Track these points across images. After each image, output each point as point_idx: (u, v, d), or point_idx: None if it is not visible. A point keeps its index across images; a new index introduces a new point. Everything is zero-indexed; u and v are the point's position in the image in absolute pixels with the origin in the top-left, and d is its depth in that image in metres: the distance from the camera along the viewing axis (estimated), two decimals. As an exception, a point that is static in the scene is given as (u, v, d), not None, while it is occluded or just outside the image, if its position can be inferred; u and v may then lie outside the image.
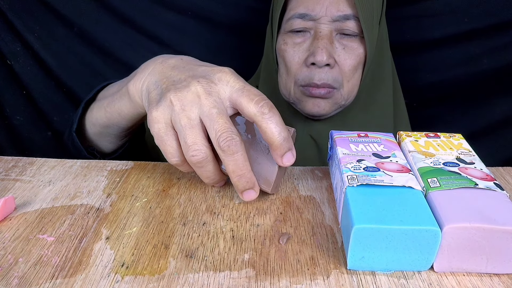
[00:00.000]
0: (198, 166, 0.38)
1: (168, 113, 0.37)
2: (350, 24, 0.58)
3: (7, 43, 0.85)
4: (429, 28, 0.78)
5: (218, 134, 0.36)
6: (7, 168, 0.46)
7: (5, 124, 0.91)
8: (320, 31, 0.58)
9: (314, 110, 0.60)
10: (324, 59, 0.56)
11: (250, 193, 0.38)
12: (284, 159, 0.37)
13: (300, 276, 0.32)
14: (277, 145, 0.37)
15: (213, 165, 0.38)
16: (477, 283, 0.31)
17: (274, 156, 0.37)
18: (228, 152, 0.36)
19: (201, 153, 0.37)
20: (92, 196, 0.41)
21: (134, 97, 0.44)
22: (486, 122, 0.82)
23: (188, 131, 0.36)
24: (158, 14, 0.83)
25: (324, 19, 0.57)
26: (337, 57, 0.58)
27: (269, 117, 0.36)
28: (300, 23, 0.59)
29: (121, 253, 0.34)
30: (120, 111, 0.48)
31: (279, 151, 0.37)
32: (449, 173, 0.35)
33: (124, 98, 0.47)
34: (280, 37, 0.62)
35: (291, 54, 0.60)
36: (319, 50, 0.56)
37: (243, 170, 0.37)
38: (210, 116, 0.36)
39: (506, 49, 0.77)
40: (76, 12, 0.83)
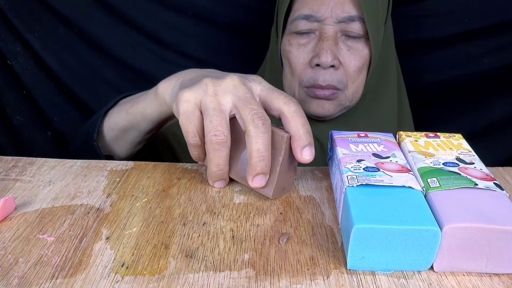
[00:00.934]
0: (215, 149, 0.38)
1: (200, 94, 0.39)
2: (355, 26, 0.57)
3: (7, 43, 0.85)
4: (429, 28, 0.78)
5: (253, 112, 0.37)
6: (7, 168, 0.46)
7: (5, 124, 0.91)
8: (325, 32, 0.57)
9: (319, 111, 0.60)
10: (329, 61, 0.56)
11: (261, 178, 0.38)
12: (304, 152, 0.37)
13: (300, 276, 0.32)
14: (300, 135, 0.37)
15: (227, 152, 0.39)
16: (477, 283, 0.31)
17: (295, 147, 0.38)
18: (260, 129, 0.36)
19: (223, 134, 0.37)
20: (92, 196, 0.41)
21: (163, 95, 0.45)
22: (486, 122, 0.82)
23: (217, 112, 0.37)
24: (158, 14, 0.83)
25: (329, 20, 0.57)
26: (342, 58, 0.58)
27: (294, 110, 0.38)
28: (305, 24, 0.59)
29: (121, 253, 0.34)
30: (143, 111, 0.49)
31: (301, 141, 0.37)
32: (449, 173, 0.36)
33: (150, 97, 0.48)
34: (285, 38, 0.62)
35: (295, 55, 0.60)
36: (323, 52, 0.56)
37: (266, 149, 0.37)
38: (245, 99, 0.38)
39: (506, 49, 0.77)
40: (76, 12, 0.83)
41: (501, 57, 0.77)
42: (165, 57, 0.87)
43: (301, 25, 0.59)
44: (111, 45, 0.85)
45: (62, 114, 0.90)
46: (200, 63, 0.88)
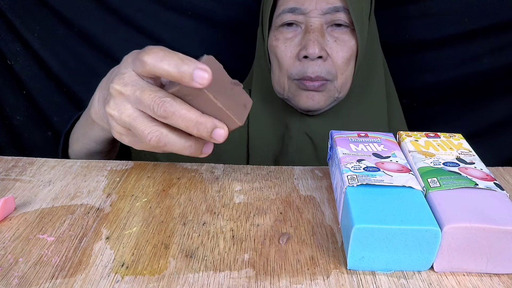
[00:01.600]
0: (162, 146, 0.36)
1: (115, 125, 0.37)
2: (340, 16, 0.58)
3: (7, 43, 0.85)
4: (429, 28, 0.78)
5: (151, 107, 0.34)
6: (7, 168, 0.46)
7: (5, 124, 0.91)
8: (311, 24, 0.58)
9: (309, 104, 0.60)
10: (316, 52, 0.56)
11: (217, 132, 0.35)
12: (196, 79, 0.32)
13: (300, 276, 0.32)
14: (178, 76, 0.33)
15: (175, 135, 0.36)
16: (477, 283, 0.31)
17: (188, 85, 0.33)
18: (169, 114, 0.34)
19: (153, 134, 0.35)
20: (92, 196, 0.41)
21: (103, 125, 0.44)
22: (486, 122, 0.82)
23: (134, 124, 0.35)
24: (158, 14, 0.83)
25: (314, 13, 0.58)
26: (329, 49, 0.58)
27: (151, 61, 0.33)
28: (290, 17, 0.59)
29: (121, 253, 0.34)
30: (96, 139, 0.49)
31: (185, 78, 0.32)
32: (449, 173, 0.35)
33: (94, 127, 0.47)
34: (271, 34, 0.62)
35: (282, 50, 0.60)
36: (310, 43, 0.56)
37: (194, 118, 0.34)
38: (137, 100, 0.35)
39: (506, 49, 0.77)
40: (76, 12, 0.83)
41: (501, 57, 0.77)
42: None
43: (286, 18, 0.59)
44: (111, 45, 0.85)
45: (62, 114, 0.90)
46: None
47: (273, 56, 0.62)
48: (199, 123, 0.34)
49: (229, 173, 0.45)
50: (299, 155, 0.65)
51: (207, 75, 0.32)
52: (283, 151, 0.66)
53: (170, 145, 0.36)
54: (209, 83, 0.32)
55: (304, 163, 0.62)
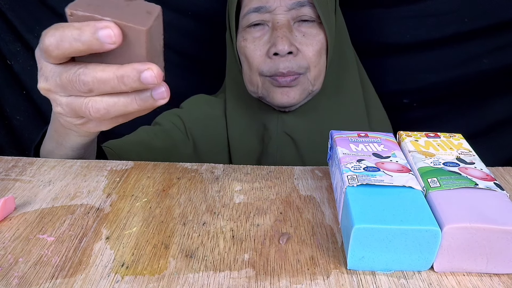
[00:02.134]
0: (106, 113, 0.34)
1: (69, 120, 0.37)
2: (306, 10, 0.58)
3: (7, 43, 0.85)
4: (429, 28, 0.78)
5: (73, 88, 0.32)
6: (7, 168, 0.46)
7: (5, 124, 0.91)
8: (277, 21, 0.58)
9: (284, 100, 0.60)
10: (286, 48, 0.56)
11: (145, 74, 0.31)
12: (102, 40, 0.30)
13: (300, 276, 0.32)
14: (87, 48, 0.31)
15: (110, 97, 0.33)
16: (477, 283, 0.31)
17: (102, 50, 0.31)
18: (89, 85, 0.32)
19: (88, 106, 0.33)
20: (92, 196, 0.41)
21: (71, 129, 0.42)
22: (486, 122, 0.82)
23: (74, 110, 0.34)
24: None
25: (280, 9, 0.58)
26: (299, 45, 0.58)
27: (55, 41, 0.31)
28: (256, 17, 0.59)
29: (121, 253, 0.34)
30: (73, 146, 0.46)
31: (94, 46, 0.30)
32: (449, 173, 0.35)
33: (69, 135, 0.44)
34: (239, 35, 0.62)
35: (251, 49, 0.60)
36: (279, 40, 0.56)
37: (112, 74, 0.31)
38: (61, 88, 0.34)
39: (506, 49, 0.77)
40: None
41: (501, 57, 0.77)
42: (164, 57, 0.86)
43: (252, 18, 0.59)
44: None
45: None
46: (200, 62, 0.88)
47: (243, 57, 0.62)
48: (120, 76, 0.31)
49: (229, 173, 0.45)
50: (280, 154, 0.65)
51: (111, 32, 0.30)
52: (264, 152, 0.66)
53: (113, 108, 0.33)
54: (117, 37, 0.30)
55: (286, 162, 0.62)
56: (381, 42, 0.79)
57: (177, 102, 0.89)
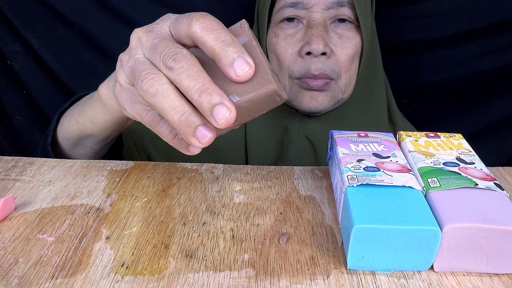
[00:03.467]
0: (153, 93, 0.30)
1: (121, 72, 0.34)
2: (344, 10, 0.55)
3: (7, 43, 0.85)
4: (429, 28, 0.78)
5: (161, 56, 0.30)
6: (7, 168, 0.46)
7: (5, 124, 0.91)
8: (313, 19, 0.55)
9: (312, 105, 0.57)
10: (321, 47, 0.54)
11: (220, 110, 0.28)
12: (236, 69, 0.29)
13: (300, 276, 0.32)
14: (218, 53, 0.29)
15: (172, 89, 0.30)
16: (477, 283, 0.31)
17: (223, 70, 0.29)
18: (177, 65, 0.29)
19: (148, 75, 0.30)
20: (92, 196, 0.41)
21: (107, 100, 0.40)
22: (486, 122, 0.82)
23: (136, 66, 0.32)
24: (158, 14, 0.82)
25: (317, 7, 0.55)
26: (333, 46, 0.56)
27: (201, 27, 0.30)
28: (292, 12, 0.56)
29: (121, 253, 0.34)
30: (93, 119, 0.44)
31: (224, 59, 0.29)
32: (449, 173, 0.35)
33: (96, 105, 0.43)
34: (270, 31, 0.59)
35: (283, 46, 0.57)
36: (314, 38, 0.54)
37: (201, 81, 0.29)
38: (152, 47, 0.31)
39: (506, 49, 0.77)
40: (76, 12, 0.83)
41: (501, 57, 0.77)
42: None
43: (287, 13, 0.57)
44: (111, 45, 0.85)
45: (62, 114, 0.90)
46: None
47: (272, 55, 0.60)
48: (205, 88, 0.28)
49: (229, 173, 0.45)
50: (298, 159, 0.63)
51: (248, 69, 0.29)
52: (282, 155, 0.64)
53: (161, 96, 0.30)
54: (245, 80, 0.29)
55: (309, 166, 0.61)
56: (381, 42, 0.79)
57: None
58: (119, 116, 0.42)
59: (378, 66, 0.65)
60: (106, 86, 0.40)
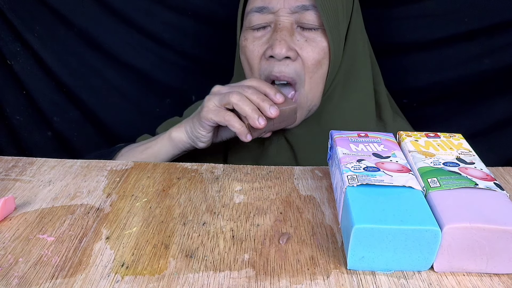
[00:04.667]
0: (237, 99, 0.49)
1: (210, 102, 0.52)
2: (309, 16, 0.55)
3: (7, 43, 0.85)
4: (429, 28, 0.78)
5: (237, 86, 0.51)
6: (7, 168, 0.46)
7: (5, 124, 0.91)
8: (279, 23, 0.55)
9: None
10: (283, 52, 0.53)
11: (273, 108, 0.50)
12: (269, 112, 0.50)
13: (300, 276, 0.32)
14: (250, 116, 0.49)
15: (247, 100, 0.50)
16: (477, 283, 0.31)
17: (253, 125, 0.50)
18: (246, 91, 0.50)
19: (235, 92, 0.50)
20: (92, 196, 0.41)
21: (179, 137, 0.56)
22: (486, 122, 0.82)
23: (225, 91, 0.51)
24: (158, 14, 0.83)
25: (283, 11, 0.55)
26: (300, 50, 0.55)
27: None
28: (259, 18, 0.56)
29: (121, 253, 0.34)
30: (157, 154, 0.57)
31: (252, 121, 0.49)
32: (449, 173, 0.35)
33: (163, 142, 0.57)
34: (242, 35, 0.60)
35: (250, 49, 0.57)
36: (277, 42, 0.53)
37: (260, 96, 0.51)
38: (229, 87, 0.52)
39: (506, 49, 0.77)
40: (76, 12, 0.83)
41: (501, 57, 0.77)
42: (165, 57, 0.86)
43: (254, 19, 0.57)
44: (111, 45, 0.85)
45: (62, 114, 0.90)
46: (200, 62, 0.88)
47: (243, 58, 0.60)
48: (263, 98, 0.51)
49: (229, 173, 0.45)
50: (279, 158, 0.63)
51: (275, 111, 0.50)
52: (263, 155, 0.64)
53: (242, 102, 0.50)
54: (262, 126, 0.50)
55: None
56: (381, 42, 0.79)
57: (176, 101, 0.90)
58: (183, 148, 0.57)
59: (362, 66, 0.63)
60: (178, 130, 0.57)
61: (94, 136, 0.93)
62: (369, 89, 0.64)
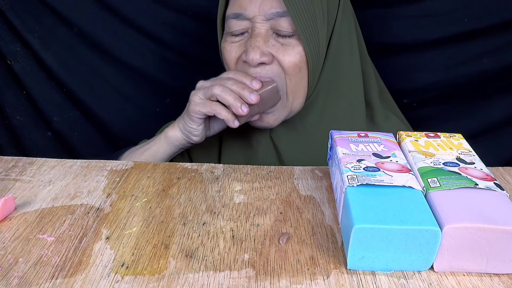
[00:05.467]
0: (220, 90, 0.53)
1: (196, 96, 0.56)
2: (284, 23, 0.55)
3: (7, 43, 0.85)
4: (429, 28, 0.78)
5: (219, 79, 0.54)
6: (7, 168, 0.46)
7: (5, 124, 0.91)
8: (255, 30, 0.55)
9: (258, 125, 0.58)
10: (256, 57, 0.54)
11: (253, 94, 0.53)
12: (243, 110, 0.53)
13: (300, 276, 0.32)
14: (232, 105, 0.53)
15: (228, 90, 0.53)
16: (477, 283, 0.31)
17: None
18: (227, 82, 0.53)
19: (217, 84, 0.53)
20: (92, 196, 0.41)
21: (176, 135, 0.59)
22: (486, 122, 0.82)
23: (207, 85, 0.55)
24: (158, 14, 0.83)
25: (258, 18, 0.55)
26: (275, 52, 0.55)
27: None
28: (236, 24, 0.57)
29: (121, 253, 0.34)
30: (155, 154, 0.60)
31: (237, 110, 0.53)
32: (449, 173, 0.35)
33: (160, 142, 0.60)
34: (223, 38, 0.60)
35: (228, 51, 0.58)
36: (250, 49, 0.54)
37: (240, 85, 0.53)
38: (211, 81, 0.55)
39: (506, 49, 0.77)
40: (76, 12, 0.83)
41: (501, 57, 0.77)
42: (165, 57, 0.87)
43: (232, 25, 0.57)
44: (111, 45, 0.85)
45: (62, 114, 0.90)
46: (199, 62, 0.88)
47: (223, 60, 0.61)
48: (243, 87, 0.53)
49: (229, 173, 0.45)
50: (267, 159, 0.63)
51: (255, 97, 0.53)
52: (254, 155, 0.65)
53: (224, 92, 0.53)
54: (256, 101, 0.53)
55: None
56: (381, 42, 0.79)
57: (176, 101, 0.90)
58: (179, 145, 0.60)
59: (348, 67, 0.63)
60: (172, 128, 0.59)
61: (94, 136, 0.93)
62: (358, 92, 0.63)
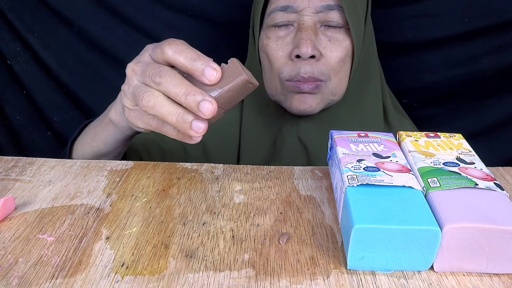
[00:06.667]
0: (151, 106, 0.36)
1: (125, 99, 0.41)
2: (334, 15, 0.56)
3: (7, 43, 0.85)
4: (429, 28, 0.78)
5: (150, 77, 0.37)
6: (7, 168, 0.46)
7: (5, 124, 0.91)
8: (303, 23, 0.56)
9: (301, 107, 0.58)
10: (309, 51, 0.54)
11: (204, 104, 0.34)
12: (206, 76, 0.35)
13: (300, 276, 0.32)
14: (191, 69, 0.36)
15: (165, 98, 0.36)
16: (477, 283, 0.31)
17: (198, 79, 0.36)
18: (162, 80, 0.36)
19: (145, 93, 0.37)
20: (92, 196, 0.41)
21: (119, 123, 0.47)
22: (486, 122, 0.82)
23: (135, 91, 0.38)
24: (158, 14, 0.83)
25: (307, 11, 0.56)
26: (323, 49, 0.56)
27: (171, 51, 0.37)
28: (283, 16, 0.57)
29: (121, 253, 0.34)
30: (105, 141, 0.50)
31: (196, 72, 0.36)
32: (449, 173, 0.35)
33: (108, 128, 0.49)
34: (263, 33, 0.60)
35: (274, 48, 0.58)
36: (303, 42, 0.55)
37: (184, 87, 0.35)
38: (142, 73, 0.38)
39: (506, 49, 0.77)
40: (76, 12, 0.83)
41: (501, 57, 0.77)
42: None
43: (278, 17, 0.57)
44: (111, 45, 0.85)
45: (62, 114, 0.90)
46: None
47: (264, 56, 0.60)
48: (188, 91, 0.35)
49: (229, 173, 0.45)
50: (291, 158, 0.64)
51: (216, 74, 0.36)
52: (275, 155, 0.65)
53: (159, 106, 0.36)
54: (216, 81, 0.36)
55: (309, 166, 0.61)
56: (381, 42, 0.79)
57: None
58: (129, 133, 0.49)
59: (373, 67, 0.65)
60: (114, 112, 0.47)
61: None
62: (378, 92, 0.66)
